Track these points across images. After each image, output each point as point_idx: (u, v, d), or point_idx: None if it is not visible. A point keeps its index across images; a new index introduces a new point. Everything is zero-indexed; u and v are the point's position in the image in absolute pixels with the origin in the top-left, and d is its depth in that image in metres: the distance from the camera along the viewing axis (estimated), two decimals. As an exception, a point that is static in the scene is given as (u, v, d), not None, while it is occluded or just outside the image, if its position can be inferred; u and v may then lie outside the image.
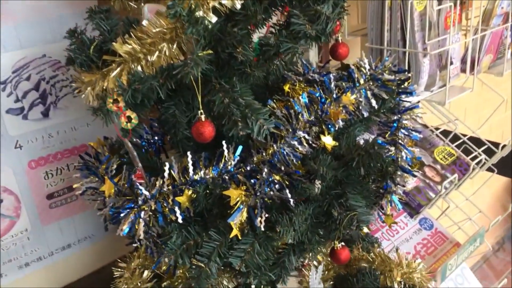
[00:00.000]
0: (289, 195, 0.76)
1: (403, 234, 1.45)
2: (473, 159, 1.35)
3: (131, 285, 0.98)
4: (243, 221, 0.73)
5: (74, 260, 1.09)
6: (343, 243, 0.81)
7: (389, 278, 0.93)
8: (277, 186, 0.76)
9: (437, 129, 1.44)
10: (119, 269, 0.99)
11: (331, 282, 0.97)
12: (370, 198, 0.80)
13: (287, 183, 0.78)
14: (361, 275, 0.95)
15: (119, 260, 1.00)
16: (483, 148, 1.42)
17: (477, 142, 1.46)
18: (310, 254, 0.80)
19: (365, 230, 0.90)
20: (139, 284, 0.98)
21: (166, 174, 0.75)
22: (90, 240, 1.11)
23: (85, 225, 1.10)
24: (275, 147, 0.81)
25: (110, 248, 1.14)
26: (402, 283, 0.93)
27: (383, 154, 0.77)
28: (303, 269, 0.93)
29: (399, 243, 1.43)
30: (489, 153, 1.42)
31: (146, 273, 1.00)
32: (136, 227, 0.73)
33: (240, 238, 0.73)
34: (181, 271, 0.95)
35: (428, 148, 1.36)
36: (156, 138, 0.96)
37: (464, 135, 1.43)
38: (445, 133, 1.43)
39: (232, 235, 0.72)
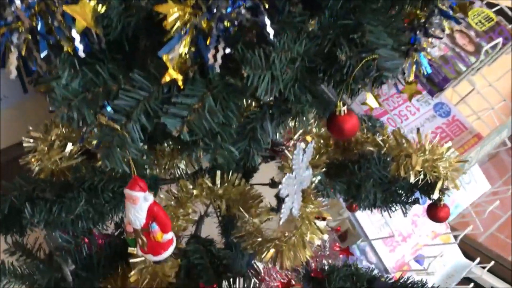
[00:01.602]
0: (268, 21, 0.45)
1: (413, 121, 1.20)
2: (512, 30, 1.05)
3: (47, 162, 0.71)
4: (186, 57, 0.43)
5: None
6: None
7: (405, 167, 0.67)
8: (248, 3, 0.45)
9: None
10: (31, 140, 0.72)
11: (323, 170, 0.70)
12: (398, 38, 0.50)
13: (267, 3, 0.47)
14: (365, 162, 0.68)
15: (31, 129, 0.72)
16: (525, 17, 1.12)
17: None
18: (296, 121, 0.51)
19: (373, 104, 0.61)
20: (58, 161, 0.72)
21: (56, -28, 0.44)
22: (2, 103, 0.83)
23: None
24: None
25: (31, 115, 0.86)
26: (422, 173, 0.67)
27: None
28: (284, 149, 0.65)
29: (408, 131, 1.17)
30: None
31: (69, 146, 0.73)
32: (7, 59, 0.44)
33: (181, 86, 0.44)
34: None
35: (462, 7, 1.03)
36: None
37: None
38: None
39: (165, 79, 0.43)
